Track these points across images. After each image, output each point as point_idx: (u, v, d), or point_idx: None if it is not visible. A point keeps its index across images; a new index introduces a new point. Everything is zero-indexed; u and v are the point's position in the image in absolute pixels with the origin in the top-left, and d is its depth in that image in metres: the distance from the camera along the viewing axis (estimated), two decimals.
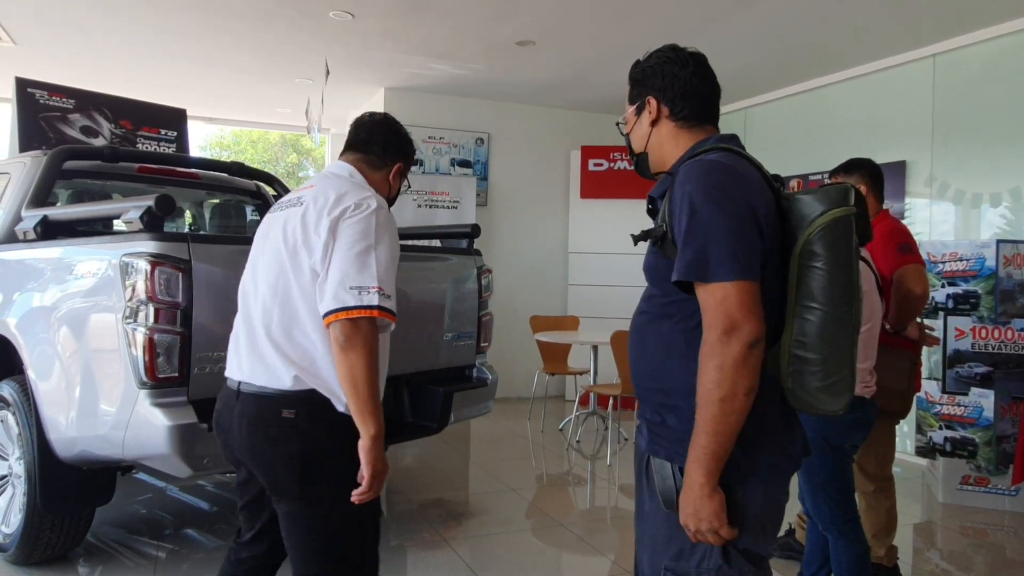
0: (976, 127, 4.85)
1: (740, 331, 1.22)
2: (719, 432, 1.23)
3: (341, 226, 1.62)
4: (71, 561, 2.99)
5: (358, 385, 1.56)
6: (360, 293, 1.56)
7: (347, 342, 1.55)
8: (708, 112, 1.47)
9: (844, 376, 1.28)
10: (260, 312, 1.69)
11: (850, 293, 1.27)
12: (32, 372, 2.74)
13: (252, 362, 1.69)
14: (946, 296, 4.33)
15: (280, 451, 1.64)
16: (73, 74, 6.03)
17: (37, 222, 2.96)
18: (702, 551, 1.32)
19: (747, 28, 4.93)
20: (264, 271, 1.71)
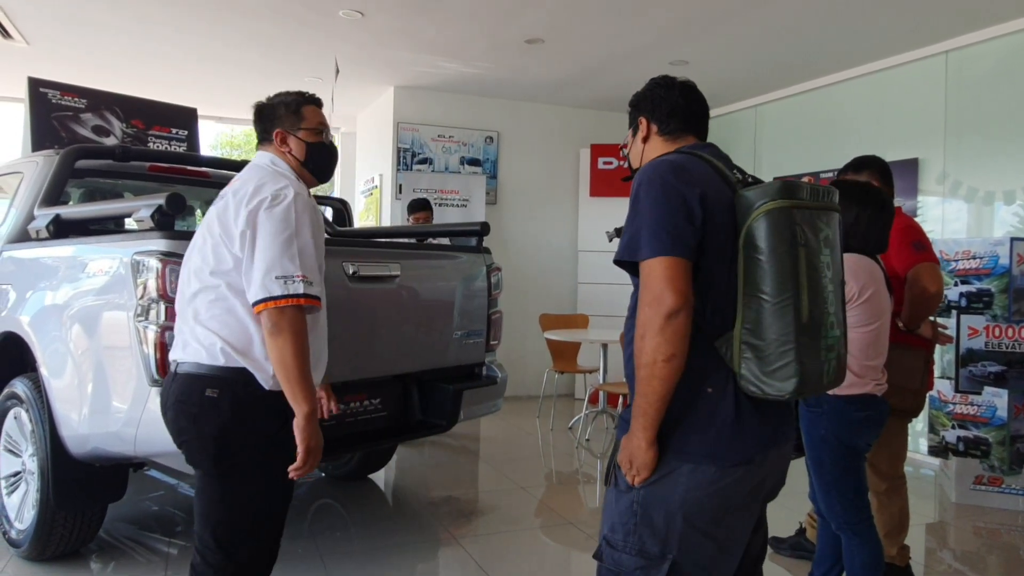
0: (989, 124, 4.81)
1: (661, 302, 1.35)
2: (647, 393, 1.38)
3: (260, 217, 1.72)
4: (84, 557, 3.01)
5: (288, 367, 1.67)
6: (286, 283, 1.67)
7: (275, 328, 1.66)
8: (691, 126, 1.63)
9: (789, 361, 1.36)
10: (189, 297, 1.81)
11: (790, 281, 1.36)
12: (45, 369, 2.76)
13: (184, 342, 1.80)
14: (959, 294, 4.30)
15: (199, 429, 1.74)
16: (85, 74, 6.07)
17: (50, 221, 2.98)
18: (629, 530, 1.45)
19: (757, 25, 4.90)
20: (196, 260, 1.82)
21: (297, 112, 1.96)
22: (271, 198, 1.74)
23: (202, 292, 1.78)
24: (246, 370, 1.74)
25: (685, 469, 1.42)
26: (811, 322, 1.38)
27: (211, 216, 1.83)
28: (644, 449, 1.41)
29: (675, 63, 5.80)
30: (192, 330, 1.78)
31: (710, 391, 1.43)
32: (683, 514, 1.42)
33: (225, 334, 1.75)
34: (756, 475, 1.47)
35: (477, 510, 3.96)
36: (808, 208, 1.41)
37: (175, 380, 1.80)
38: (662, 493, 1.43)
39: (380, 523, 3.58)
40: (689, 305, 1.36)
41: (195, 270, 1.82)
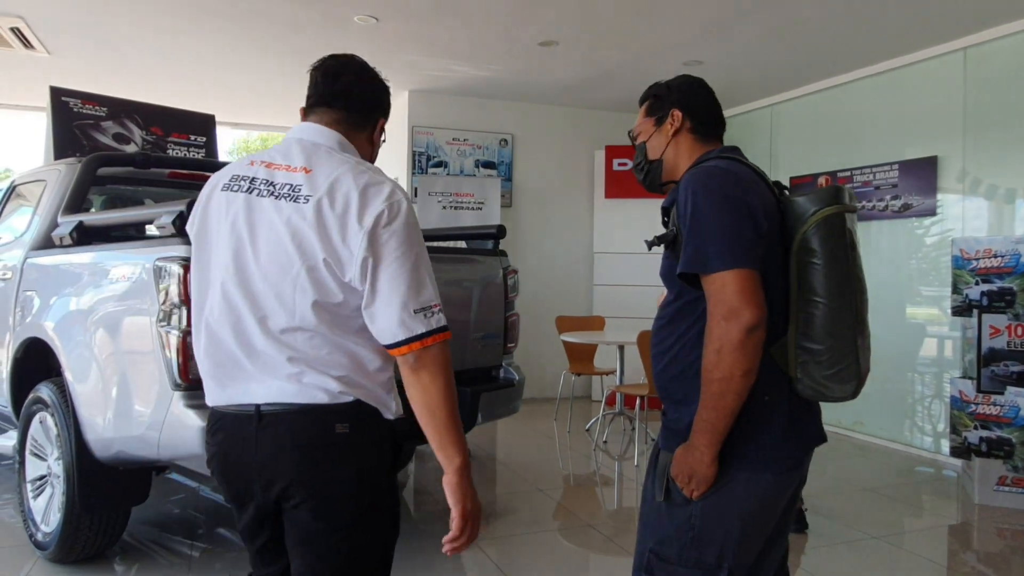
0: (1009, 121, 4.75)
1: (739, 316, 1.32)
2: (718, 408, 1.35)
3: (382, 238, 1.34)
4: (108, 560, 3.05)
5: (436, 412, 1.38)
6: (426, 316, 1.37)
7: (418, 364, 1.37)
8: (718, 131, 1.65)
9: (849, 363, 1.37)
10: (273, 315, 1.36)
11: (847, 285, 1.38)
12: (69, 374, 2.80)
13: (268, 377, 1.38)
14: (980, 293, 4.25)
15: (338, 472, 1.39)
16: (105, 82, 6.16)
17: (73, 228, 3.03)
18: (685, 543, 1.43)
19: (773, 25, 4.88)
20: (270, 272, 1.37)
21: (388, 112, 1.62)
22: (387, 211, 1.35)
23: (300, 329, 1.36)
24: (366, 403, 1.42)
25: (742, 478, 1.41)
26: (861, 323, 1.40)
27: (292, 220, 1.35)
28: (707, 464, 1.39)
29: (689, 63, 5.79)
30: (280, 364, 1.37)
31: (767, 399, 1.42)
32: (743, 524, 1.42)
33: (331, 361, 1.38)
34: (799, 476, 1.50)
35: (495, 512, 3.97)
36: (853, 212, 1.43)
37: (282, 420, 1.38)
38: (721, 504, 1.41)
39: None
40: (765, 318, 1.34)
41: (275, 293, 1.36)
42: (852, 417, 5.72)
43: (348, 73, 1.54)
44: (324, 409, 1.37)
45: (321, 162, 1.41)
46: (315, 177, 1.38)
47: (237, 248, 1.39)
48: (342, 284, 1.36)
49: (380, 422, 1.44)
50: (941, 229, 5.17)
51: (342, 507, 1.40)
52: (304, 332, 1.36)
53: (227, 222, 1.41)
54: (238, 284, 1.38)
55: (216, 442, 1.46)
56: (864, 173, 5.71)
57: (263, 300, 1.37)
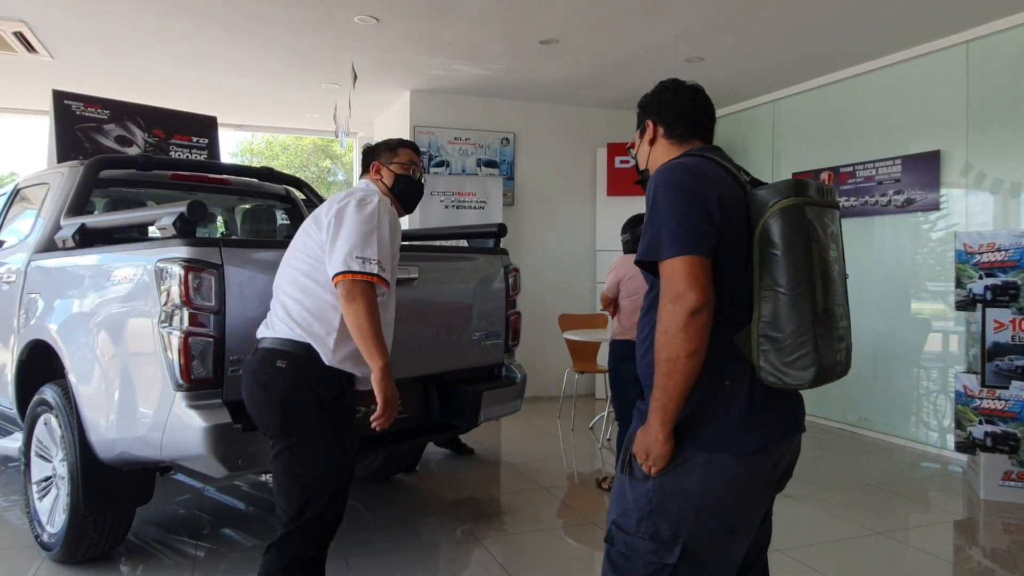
0: (1013, 114, 4.73)
1: (684, 299, 1.39)
2: (667, 388, 1.42)
3: (347, 211, 2.05)
4: (113, 560, 3.07)
5: (364, 328, 1.95)
6: (364, 263, 1.97)
7: (349, 296, 1.96)
8: (698, 130, 1.68)
9: (807, 351, 1.41)
10: (280, 284, 2.17)
11: (805, 275, 1.42)
12: (73, 376, 2.82)
13: (268, 322, 2.15)
14: (984, 288, 4.24)
15: (267, 394, 2.03)
16: (107, 85, 6.18)
17: (75, 230, 3.04)
18: (643, 516, 1.49)
19: (775, 20, 4.87)
20: (291, 253, 2.19)
21: (394, 150, 2.37)
22: (358, 200, 2.09)
23: (289, 277, 2.12)
24: (311, 346, 2.03)
25: (701, 459, 1.46)
26: (825, 314, 1.44)
27: (307, 220, 2.19)
28: (661, 442, 1.45)
29: (691, 60, 5.78)
30: (275, 311, 2.12)
31: (728, 383, 1.48)
32: (698, 502, 1.46)
33: (297, 313, 2.06)
34: (769, 464, 1.52)
35: (499, 511, 3.97)
36: (817, 205, 1.47)
37: (254, 354, 2.12)
38: (678, 482, 1.47)
39: (403, 524, 3.61)
40: (711, 302, 1.40)
41: (287, 260, 2.18)
42: (857, 413, 5.71)
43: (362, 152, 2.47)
44: (276, 345, 2.06)
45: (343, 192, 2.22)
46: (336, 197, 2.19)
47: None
48: (318, 243, 2.07)
49: (316, 362, 2.03)
50: (945, 224, 5.15)
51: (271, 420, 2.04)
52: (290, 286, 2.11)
53: None
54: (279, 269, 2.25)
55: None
56: (867, 168, 5.69)
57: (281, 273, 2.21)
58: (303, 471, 2.04)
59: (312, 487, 2.03)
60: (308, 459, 2.04)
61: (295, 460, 2.04)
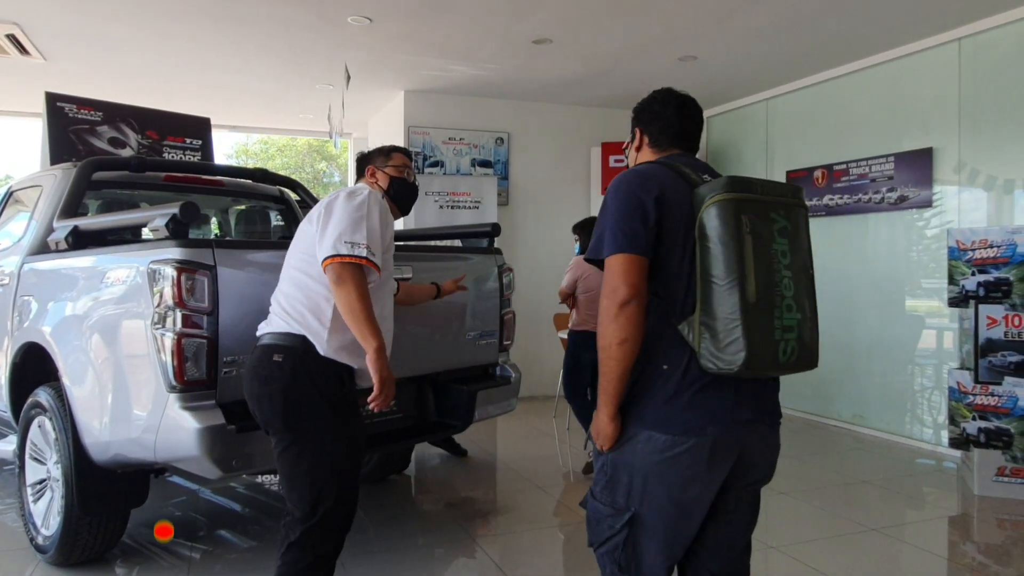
0: (1006, 111, 4.75)
1: (616, 293, 1.54)
2: (606, 373, 1.57)
3: (337, 202, 2.10)
4: (108, 562, 3.06)
5: (355, 310, 1.95)
6: (352, 247, 1.99)
7: (339, 279, 1.97)
8: (680, 141, 1.78)
9: (737, 338, 1.49)
10: (280, 283, 2.19)
11: (736, 267, 1.50)
12: (66, 379, 2.82)
13: (267, 320, 2.16)
14: (977, 284, 4.25)
15: (266, 390, 2.04)
16: (100, 87, 6.16)
17: (68, 232, 3.04)
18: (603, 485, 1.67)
19: (767, 18, 4.88)
20: (287, 257, 2.22)
21: (388, 155, 2.41)
22: (348, 192, 2.15)
23: (286, 275, 2.17)
24: (306, 337, 2.04)
25: (642, 436, 1.60)
26: (759, 303, 1.51)
27: (304, 221, 2.22)
28: (606, 422, 1.61)
29: (684, 59, 5.79)
30: (272, 308, 2.16)
31: (666, 368, 1.59)
32: (642, 475, 1.61)
33: (290, 306, 2.09)
34: (714, 447, 1.57)
35: (495, 510, 3.98)
36: (757, 201, 1.56)
37: (253, 352, 2.13)
38: (624, 456, 1.63)
39: (399, 524, 3.61)
40: (640, 296, 1.54)
41: (287, 262, 2.20)
42: (851, 410, 5.73)
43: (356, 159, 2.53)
44: (273, 340, 2.08)
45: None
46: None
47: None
48: (312, 238, 2.08)
49: (313, 354, 2.04)
50: (938, 221, 5.17)
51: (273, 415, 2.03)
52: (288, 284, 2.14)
53: None
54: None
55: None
56: (860, 166, 5.71)
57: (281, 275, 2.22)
58: (310, 465, 2.03)
59: (322, 481, 2.03)
60: (314, 453, 2.03)
61: (302, 455, 2.03)
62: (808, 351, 1.60)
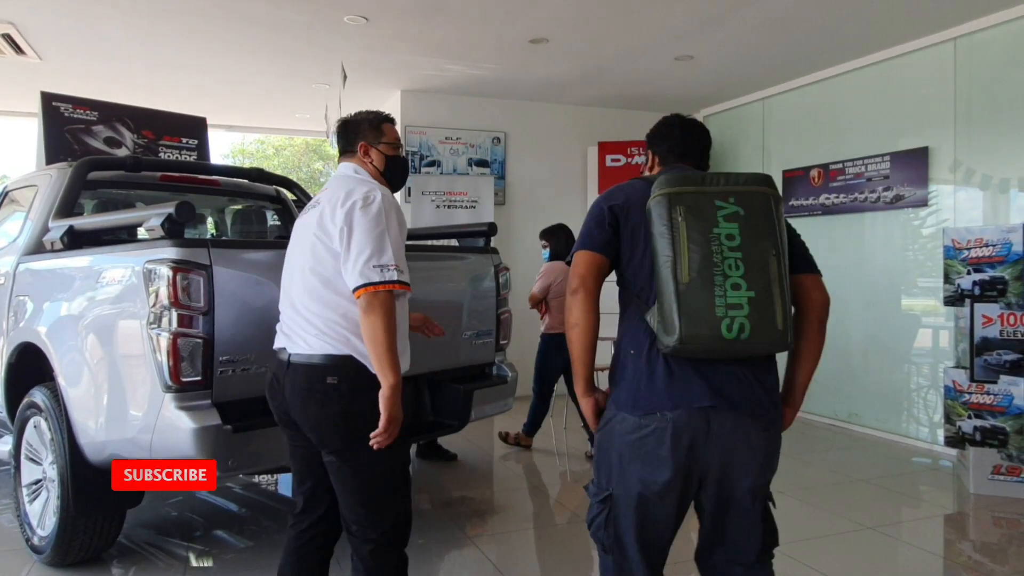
0: (1001, 110, 4.76)
1: (571, 283, 1.77)
2: (572, 353, 1.80)
3: (355, 216, 1.94)
4: (105, 562, 3.06)
5: (379, 342, 1.89)
6: (382, 271, 1.90)
7: (368, 307, 1.89)
8: (683, 156, 1.95)
9: (672, 318, 1.60)
10: (298, 295, 2.03)
11: (670, 250, 1.63)
12: (62, 379, 2.81)
13: (296, 336, 2.01)
14: (972, 283, 4.26)
15: (326, 412, 1.96)
16: (96, 87, 6.15)
17: (63, 232, 3.03)
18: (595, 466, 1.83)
19: (764, 18, 4.88)
20: (299, 262, 2.05)
21: (378, 128, 2.20)
22: (363, 199, 1.96)
23: (307, 287, 2.00)
24: (353, 357, 1.96)
25: (617, 418, 1.74)
26: (693, 283, 1.60)
27: (308, 221, 2.06)
28: (581, 398, 1.82)
29: (680, 58, 5.79)
30: (300, 325, 2.01)
31: (632, 353, 1.75)
32: (617, 455, 1.73)
33: (330, 328, 1.97)
34: (675, 430, 1.65)
35: (492, 509, 3.98)
36: (695, 192, 1.66)
37: (293, 370, 2.00)
38: (604, 437, 1.78)
39: None
40: (585, 285, 1.75)
41: (297, 268, 2.05)
42: (847, 409, 5.74)
43: (338, 129, 2.25)
44: (321, 362, 1.95)
45: (335, 182, 2.10)
46: (328, 192, 2.06)
47: (289, 249, 2.14)
48: (331, 251, 1.95)
49: (365, 373, 1.94)
50: (934, 220, 5.18)
51: (334, 437, 1.97)
52: (310, 295, 1.98)
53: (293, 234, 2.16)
54: (288, 271, 2.11)
55: (270, 372, 2.12)
56: (856, 165, 5.72)
57: (295, 277, 2.05)
58: (373, 477, 2.00)
59: (391, 496, 2.02)
60: (376, 466, 1.98)
61: (364, 470, 1.98)
62: (767, 329, 1.58)
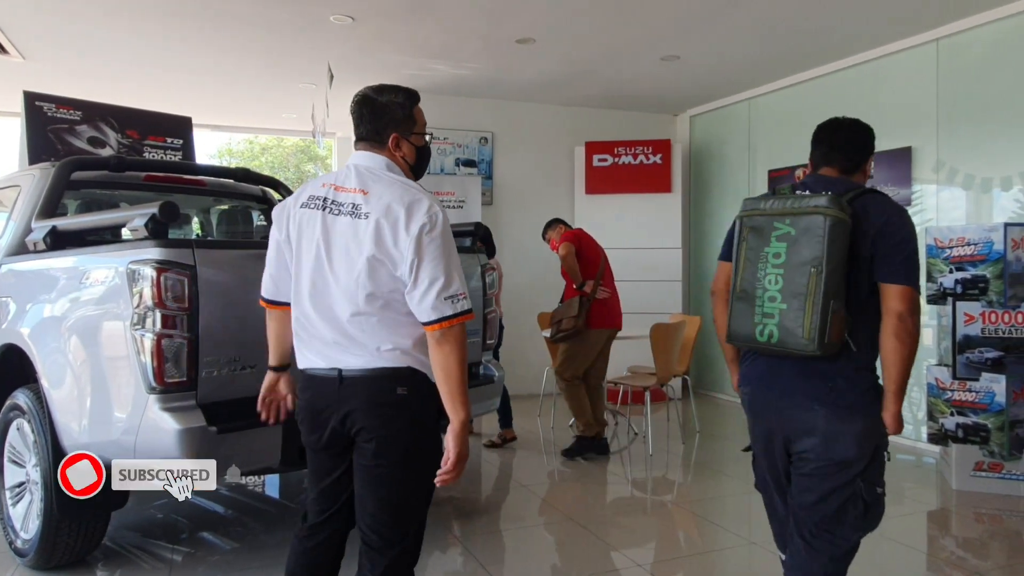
0: (983, 110, 4.81)
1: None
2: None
3: (424, 243, 1.78)
4: (89, 565, 3.04)
5: (452, 375, 1.80)
6: (453, 302, 1.80)
7: (444, 340, 1.79)
8: (823, 161, 2.26)
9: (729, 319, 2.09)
10: (343, 311, 1.83)
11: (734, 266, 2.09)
12: (45, 381, 2.79)
13: (347, 352, 1.84)
14: (954, 281, 4.30)
15: (396, 423, 1.86)
16: (81, 86, 6.10)
17: (46, 233, 3.01)
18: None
19: (749, 18, 4.91)
20: (343, 277, 1.82)
21: (410, 115, 1.96)
22: (429, 223, 1.78)
23: (359, 309, 1.81)
24: (416, 368, 1.86)
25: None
26: (743, 292, 1.98)
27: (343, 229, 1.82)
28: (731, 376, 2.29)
29: (667, 58, 5.82)
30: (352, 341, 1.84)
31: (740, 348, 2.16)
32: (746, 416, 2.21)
33: (391, 340, 1.83)
34: (750, 401, 2.13)
35: (479, 509, 3.98)
36: (761, 214, 1.98)
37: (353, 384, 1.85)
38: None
39: None
40: (716, 290, 2.24)
41: (339, 283, 1.82)
42: None
43: (359, 108, 1.95)
44: (386, 374, 1.83)
45: (374, 185, 1.84)
46: (371, 198, 1.81)
47: (317, 255, 1.85)
48: (393, 277, 1.80)
49: (427, 383, 1.87)
50: (918, 219, 5.22)
51: (396, 446, 1.85)
52: (366, 316, 1.81)
53: (308, 233, 1.86)
54: (322, 282, 1.85)
55: (306, 397, 1.93)
56: None
57: (337, 295, 1.83)
58: (421, 494, 1.95)
59: (419, 507, 1.96)
60: (421, 480, 1.92)
61: (409, 482, 1.90)
62: (791, 336, 1.88)
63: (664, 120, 7.81)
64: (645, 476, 4.66)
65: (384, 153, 1.92)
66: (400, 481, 1.89)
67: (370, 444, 1.85)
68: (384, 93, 1.93)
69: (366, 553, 1.92)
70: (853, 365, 1.93)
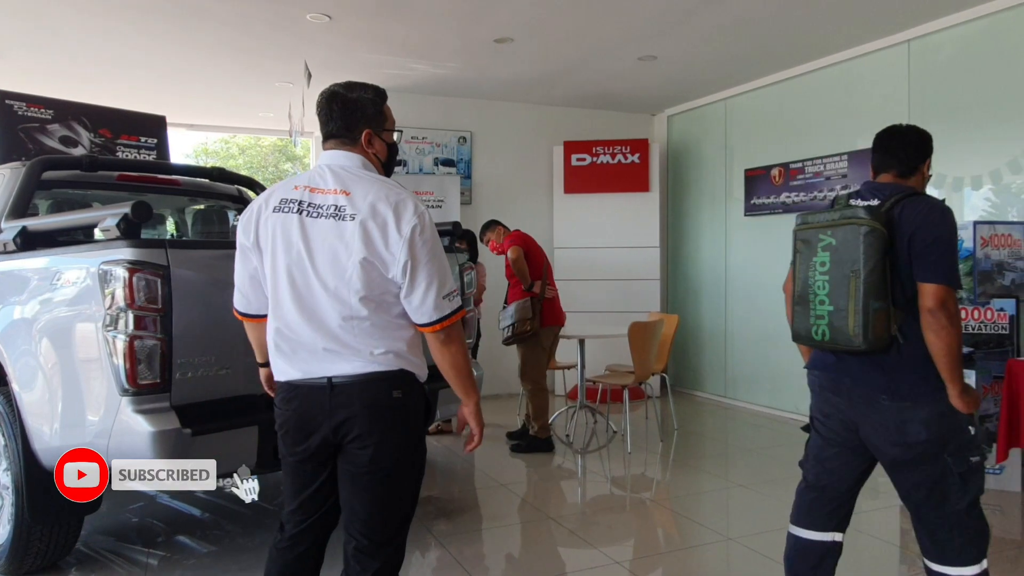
0: (953, 111, 4.89)
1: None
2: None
3: (417, 244, 1.76)
4: (62, 571, 3.00)
5: (460, 368, 1.88)
6: (449, 300, 1.83)
7: (447, 338, 1.84)
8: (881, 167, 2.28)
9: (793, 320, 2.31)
10: (333, 316, 1.77)
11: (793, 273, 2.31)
12: (16, 384, 2.75)
13: (337, 358, 1.79)
14: None
15: (395, 426, 1.84)
16: (52, 84, 6.00)
17: (17, 233, 2.96)
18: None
19: (725, 18, 4.96)
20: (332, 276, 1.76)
21: (381, 112, 1.92)
22: (419, 224, 1.77)
23: (350, 313, 1.76)
24: (407, 370, 1.86)
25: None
26: (800, 297, 2.23)
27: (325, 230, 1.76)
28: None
29: (644, 58, 5.85)
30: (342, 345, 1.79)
31: None
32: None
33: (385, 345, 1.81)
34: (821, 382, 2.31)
35: (457, 509, 3.98)
36: (810, 226, 2.21)
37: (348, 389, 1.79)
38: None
39: None
40: (786, 289, 2.38)
41: (325, 286, 1.76)
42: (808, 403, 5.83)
43: (328, 104, 1.88)
44: (381, 378, 1.80)
45: (355, 185, 1.80)
46: (354, 199, 1.76)
47: (298, 260, 1.77)
48: (385, 280, 1.77)
49: (418, 384, 1.89)
50: None
51: (392, 450, 1.83)
52: (358, 320, 1.77)
53: (283, 238, 1.79)
54: (307, 288, 1.78)
55: (292, 408, 1.84)
56: (815, 164, 5.83)
57: (325, 300, 1.76)
58: (409, 492, 1.94)
59: (410, 508, 1.95)
60: (412, 482, 1.94)
61: (402, 483, 1.90)
62: (840, 334, 2.10)
63: (642, 120, 7.85)
64: (624, 474, 4.68)
65: (357, 151, 1.87)
66: (394, 484, 1.87)
67: (366, 450, 1.80)
68: (354, 89, 1.89)
69: (355, 556, 1.87)
70: (907, 357, 2.08)
